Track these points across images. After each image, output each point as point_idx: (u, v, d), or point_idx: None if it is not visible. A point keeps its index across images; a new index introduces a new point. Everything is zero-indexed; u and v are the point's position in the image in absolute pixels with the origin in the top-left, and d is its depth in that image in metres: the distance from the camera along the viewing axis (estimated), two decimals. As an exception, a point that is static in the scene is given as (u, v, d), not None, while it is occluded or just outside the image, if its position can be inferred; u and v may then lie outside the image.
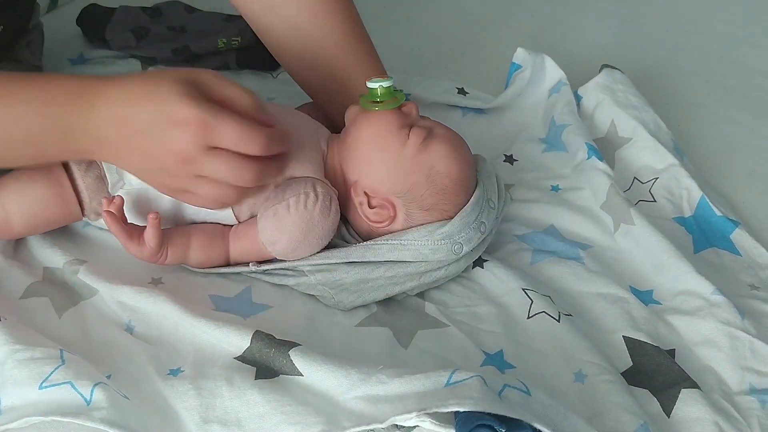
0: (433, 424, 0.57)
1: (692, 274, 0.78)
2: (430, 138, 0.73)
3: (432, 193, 0.73)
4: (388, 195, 0.73)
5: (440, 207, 0.74)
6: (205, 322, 0.67)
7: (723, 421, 0.66)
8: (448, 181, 0.73)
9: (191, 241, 0.72)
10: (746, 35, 1.28)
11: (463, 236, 0.73)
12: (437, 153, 0.73)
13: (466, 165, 0.75)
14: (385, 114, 0.73)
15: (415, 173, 0.73)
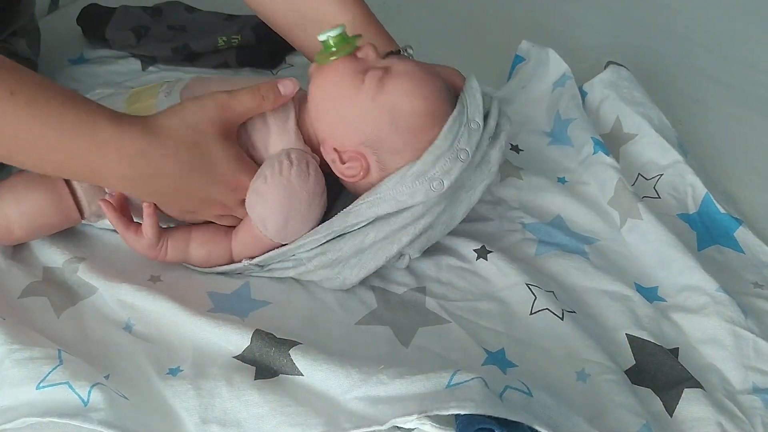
0: (433, 426, 0.57)
1: (698, 270, 0.78)
2: (387, 77, 0.69)
3: (400, 134, 0.69)
4: (356, 146, 0.70)
5: (412, 146, 0.70)
6: (205, 320, 0.67)
7: (726, 421, 0.66)
8: (413, 118, 0.69)
9: (192, 237, 0.72)
10: (749, 33, 1.27)
11: (437, 170, 0.69)
12: (396, 91, 0.69)
13: (434, 96, 0.70)
14: (338, 63, 0.69)
15: (376, 117, 0.69)
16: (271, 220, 0.70)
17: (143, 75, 1.02)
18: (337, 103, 0.70)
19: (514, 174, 0.90)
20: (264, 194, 0.69)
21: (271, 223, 0.70)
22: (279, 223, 0.70)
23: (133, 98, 0.75)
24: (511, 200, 0.87)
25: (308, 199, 0.70)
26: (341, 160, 0.71)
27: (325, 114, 0.71)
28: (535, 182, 0.89)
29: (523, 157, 0.94)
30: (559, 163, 0.94)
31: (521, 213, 0.85)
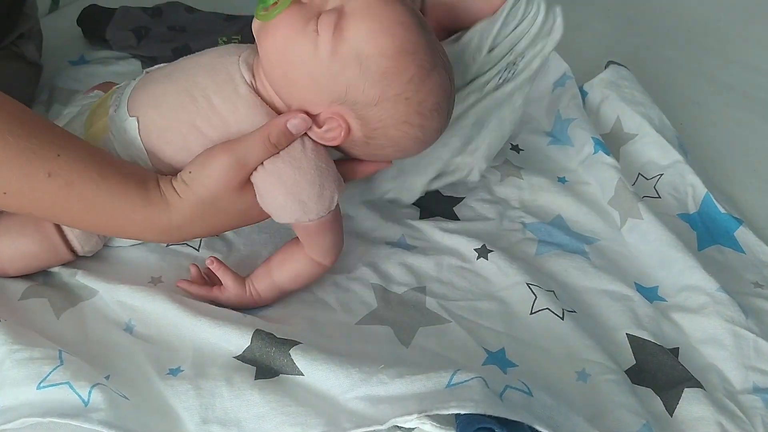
0: (433, 426, 0.57)
1: (698, 270, 0.78)
2: (343, 20, 0.60)
3: (372, 83, 0.61)
4: (329, 107, 0.63)
5: (390, 94, 0.62)
6: (205, 320, 0.67)
7: (726, 421, 0.66)
8: (384, 60, 0.61)
9: (270, 266, 0.71)
10: (751, 35, 1.28)
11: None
12: (358, 35, 0.60)
13: (401, 29, 0.61)
14: (283, 16, 0.61)
15: (343, 71, 0.61)
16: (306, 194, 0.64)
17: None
18: (295, 63, 0.62)
19: (515, 174, 0.90)
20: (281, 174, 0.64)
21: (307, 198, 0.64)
22: (313, 193, 0.64)
23: (89, 120, 0.72)
24: (512, 200, 0.87)
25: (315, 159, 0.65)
26: (317, 124, 0.64)
27: (284, 77, 0.63)
28: (535, 182, 0.89)
29: (523, 157, 0.94)
30: (559, 163, 0.94)
31: (522, 213, 0.86)
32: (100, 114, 0.71)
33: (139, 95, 0.69)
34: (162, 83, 0.69)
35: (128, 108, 0.68)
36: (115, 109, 0.69)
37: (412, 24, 0.62)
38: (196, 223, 0.66)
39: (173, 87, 0.67)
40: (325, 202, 0.65)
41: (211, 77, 0.66)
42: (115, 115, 0.69)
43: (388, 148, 0.66)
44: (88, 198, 0.63)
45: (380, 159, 0.69)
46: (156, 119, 0.67)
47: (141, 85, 0.70)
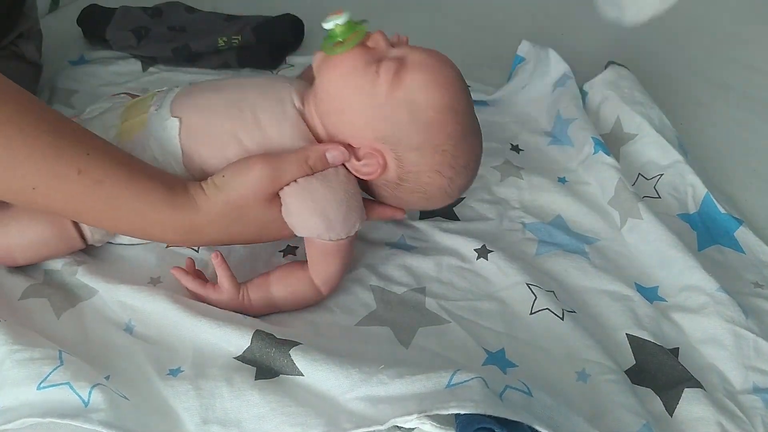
0: (433, 426, 0.57)
1: (698, 270, 0.78)
2: (403, 69, 0.66)
3: (418, 130, 0.67)
4: (372, 143, 0.68)
5: (431, 142, 0.67)
6: (206, 321, 0.67)
7: (726, 421, 0.65)
8: (432, 112, 0.66)
9: (270, 280, 0.71)
10: (749, 35, 1.27)
11: None
12: (414, 84, 0.66)
13: (452, 87, 0.67)
14: (348, 55, 0.66)
15: (394, 113, 0.66)
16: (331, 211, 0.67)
17: (144, 76, 1.02)
18: (351, 99, 0.67)
19: (515, 174, 0.90)
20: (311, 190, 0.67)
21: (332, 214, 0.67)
22: (342, 211, 0.68)
23: (126, 114, 0.74)
24: (512, 200, 0.87)
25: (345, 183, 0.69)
26: (356, 157, 0.69)
27: (337, 109, 0.68)
28: (535, 182, 0.89)
29: (523, 157, 0.94)
30: (559, 163, 0.94)
31: (522, 213, 0.85)
32: (138, 111, 0.73)
33: (184, 100, 0.72)
34: (209, 93, 0.73)
35: (171, 109, 0.71)
36: (156, 109, 0.72)
37: (460, 87, 0.69)
38: (218, 226, 0.68)
39: (221, 97, 0.71)
40: (349, 224, 0.68)
41: (261, 95, 0.71)
42: (156, 113, 0.71)
43: (415, 194, 0.71)
44: (116, 196, 0.64)
45: (403, 205, 0.74)
46: (198, 123, 0.70)
47: (186, 92, 0.73)
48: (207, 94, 0.73)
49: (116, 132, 0.72)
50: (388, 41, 0.69)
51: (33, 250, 0.71)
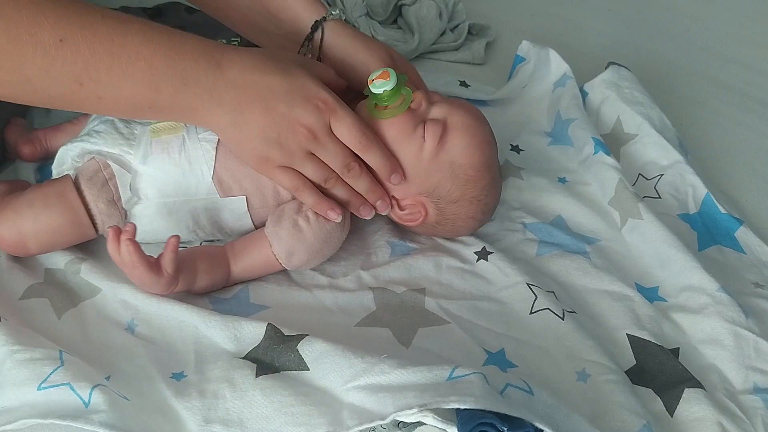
0: (435, 419, 0.57)
1: (699, 270, 0.78)
2: (446, 133, 0.72)
3: (458, 186, 0.74)
4: (415, 196, 0.75)
5: (469, 195, 0.75)
6: (209, 320, 0.67)
7: (727, 421, 0.65)
8: (471, 171, 0.73)
9: (197, 267, 0.71)
10: (749, 35, 1.28)
11: None
12: (456, 147, 0.72)
13: (488, 146, 0.75)
14: (395, 119, 0.72)
15: (437, 172, 0.73)
16: (299, 255, 0.72)
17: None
18: (400, 152, 0.72)
19: (515, 174, 0.90)
20: (303, 231, 0.71)
21: (297, 256, 0.72)
22: (304, 258, 0.73)
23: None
24: (512, 200, 0.87)
25: (336, 244, 0.75)
26: (399, 206, 0.75)
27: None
28: (535, 182, 0.89)
29: (523, 157, 0.94)
30: (559, 163, 0.94)
31: (522, 213, 0.85)
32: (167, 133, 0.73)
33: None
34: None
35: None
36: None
37: (492, 142, 0.76)
38: (248, 61, 0.67)
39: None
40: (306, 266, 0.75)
41: None
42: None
43: (447, 231, 0.79)
44: (144, 31, 0.64)
45: (430, 234, 0.80)
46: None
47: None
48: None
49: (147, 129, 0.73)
50: (427, 98, 0.73)
51: (46, 237, 0.71)
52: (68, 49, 0.60)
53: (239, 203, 0.74)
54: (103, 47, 0.61)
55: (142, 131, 0.73)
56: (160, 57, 0.63)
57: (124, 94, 0.64)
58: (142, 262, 0.66)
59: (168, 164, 0.72)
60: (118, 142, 0.72)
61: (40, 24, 0.59)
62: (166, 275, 0.67)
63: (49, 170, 0.77)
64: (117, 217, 0.72)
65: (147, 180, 0.72)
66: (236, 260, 0.73)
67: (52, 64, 0.60)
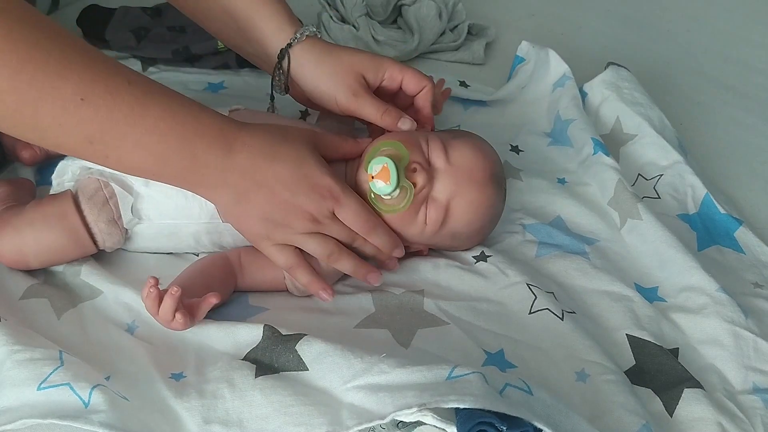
0: (434, 418, 0.57)
1: (698, 270, 0.78)
2: (448, 216, 0.73)
3: (459, 242, 0.78)
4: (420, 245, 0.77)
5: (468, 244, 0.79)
6: (209, 321, 0.67)
7: (726, 421, 0.65)
8: (472, 233, 0.77)
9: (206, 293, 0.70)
10: (748, 35, 1.28)
11: None
12: (458, 225, 0.74)
13: (490, 209, 0.76)
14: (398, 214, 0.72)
15: (438, 239, 0.76)
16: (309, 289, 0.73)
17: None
18: (401, 233, 0.74)
19: (514, 175, 0.90)
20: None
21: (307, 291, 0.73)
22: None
23: None
24: (511, 201, 0.87)
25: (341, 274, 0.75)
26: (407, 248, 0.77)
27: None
28: (535, 183, 0.89)
29: (523, 158, 0.94)
30: (559, 164, 0.94)
31: (521, 214, 0.85)
32: None
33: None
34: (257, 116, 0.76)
35: None
36: None
37: (497, 200, 0.77)
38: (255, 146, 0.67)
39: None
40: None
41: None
42: None
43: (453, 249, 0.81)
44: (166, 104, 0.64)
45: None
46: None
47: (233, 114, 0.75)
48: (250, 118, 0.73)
49: None
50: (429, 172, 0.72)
51: (46, 255, 0.72)
52: (87, 109, 0.59)
53: None
54: (122, 114, 0.61)
55: None
56: (175, 135, 0.63)
57: (131, 160, 0.64)
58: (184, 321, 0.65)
59: (170, 188, 0.70)
60: None
61: (65, 78, 0.58)
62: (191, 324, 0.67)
63: (49, 171, 0.77)
64: (118, 235, 0.72)
65: (149, 202, 0.72)
66: (244, 276, 0.73)
67: (68, 120, 0.59)
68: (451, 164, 0.73)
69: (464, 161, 0.74)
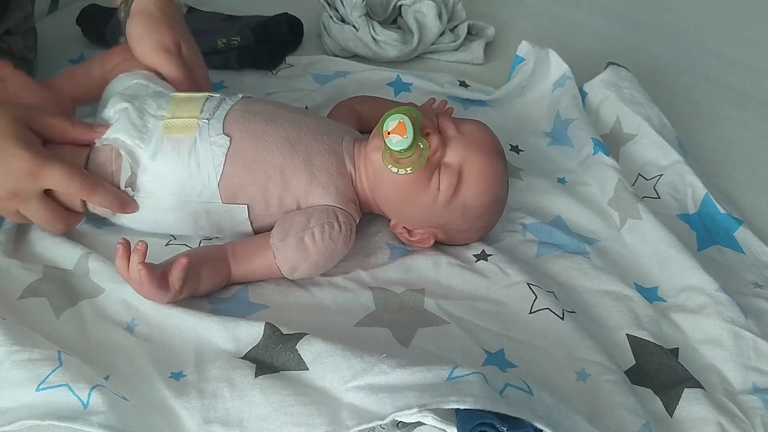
0: (435, 419, 0.57)
1: (698, 270, 0.78)
2: (461, 182, 0.73)
3: (467, 221, 0.76)
4: (427, 227, 0.77)
5: (477, 226, 0.78)
6: (209, 320, 0.67)
7: (726, 421, 0.66)
8: (482, 209, 0.76)
9: (201, 274, 0.71)
10: (748, 35, 1.28)
11: None
12: (469, 194, 0.74)
13: (498, 183, 0.76)
14: (412, 175, 0.72)
15: (449, 214, 0.75)
16: (302, 270, 0.73)
17: (143, 76, 1.02)
18: (412, 204, 0.75)
19: (515, 175, 0.90)
20: (308, 248, 0.72)
21: (301, 271, 0.73)
22: (308, 273, 0.74)
23: (174, 109, 0.75)
24: (512, 201, 0.87)
25: (340, 258, 0.75)
26: (409, 233, 0.78)
27: (396, 207, 0.77)
28: (535, 183, 0.89)
29: (523, 158, 0.94)
30: (559, 164, 0.94)
31: (522, 214, 0.85)
32: (188, 112, 0.75)
33: (238, 119, 0.75)
34: (263, 122, 0.76)
35: (224, 125, 0.74)
36: (208, 119, 0.74)
37: (504, 176, 0.77)
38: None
39: (277, 131, 0.75)
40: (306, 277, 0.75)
41: (316, 141, 0.76)
42: (208, 124, 0.74)
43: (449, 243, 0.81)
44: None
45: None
46: (248, 148, 0.74)
47: (240, 109, 0.77)
48: (261, 122, 0.75)
49: (160, 124, 0.74)
50: (443, 138, 0.73)
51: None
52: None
53: (240, 211, 0.74)
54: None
55: (155, 125, 0.74)
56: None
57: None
58: (152, 281, 0.66)
59: (176, 163, 0.72)
60: (130, 133, 0.73)
61: None
62: (173, 291, 0.68)
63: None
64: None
65: (152, 176, 0.73)
66: (238, 264, 0.73)
67: None
68: (461, 133, 0.74)
69: (473, 132, 0.75)
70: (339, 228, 0.73)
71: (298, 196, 0.74)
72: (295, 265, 0.72)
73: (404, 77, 1.04)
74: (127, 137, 0.73)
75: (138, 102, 0.75)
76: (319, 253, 0.72)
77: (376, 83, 1.03)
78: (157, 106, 0.75)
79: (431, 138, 0.72)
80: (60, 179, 0.69)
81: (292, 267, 0.72)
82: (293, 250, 0.72)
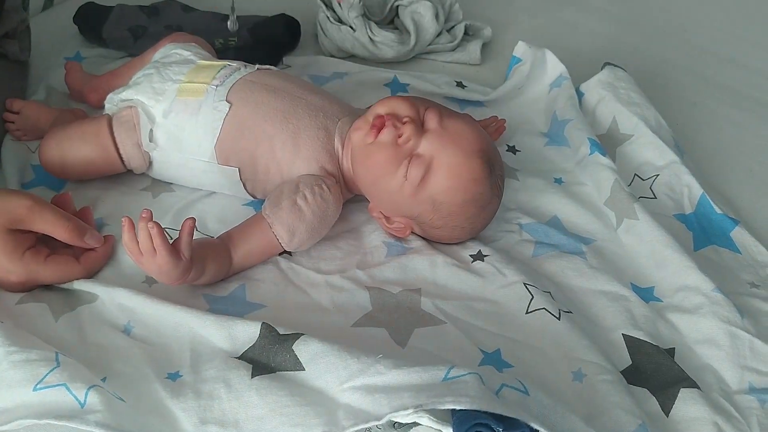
0: (431, 420, 0.57)
1: (694, 270, 0.78)
2: (429, 174, 0.73)
3: (440, 217, 0.76)
4: (400, 217, 0.78)
5: (450, 225, 0.77)
6: (205, 320, 0.67)
7: (722, 421, 0.66)
8: (453, 207, 0.75)
9: (206, 254, 0.71)
10: (745, 35, 1.28)
11: None
12: (437, 188, 0.74)
13: (474, 184, 0.74)
14: (381, 151, 0.74)
15: (418, 206, 0.76)
16: (299, 234, 0.75)
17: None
18: (382, 188, 0.76)
19: (511, 175, 0.90)
20: (302, 210, 0.74)
21: (298, 236, 0.75)
22: (304, 237, 0.75)
23: (192, 75, 0.81)
24: (508, 201, 0.87)
25: (332, 221, 0.78)
26: (387, 221, 0.79)
27: (371, 190, 0.79)
28: (531, 183, 0.89)
29: (519, 158, 0.94)
30: (555, 164, 0.94)
31: (518, 214, 0.85)
32: (202, 77, 0.81)
33: (243, 89, 0.80)
34: (266, 93, 0.80)
35: (228, 92, 0.79)
36: (217, 86, 0.80)
37: (483, 177, 0.75)
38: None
39: (275, 102, 0.79)
40: (303, 247, 0.77)
41: (311, 116, 0.79)
42: (215, 90, 0.80)
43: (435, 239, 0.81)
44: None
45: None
46: (244, 116, 0.79)
47: (250, 79, 0.81)
48: (264, 93, 0.80)
49: (175, 87, 0.80)
50: (418, 127, 0.74)
51: (82, 166, 0.81)
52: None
53: (232, 173, 0.79)
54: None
55: (171, 88, 0.80)
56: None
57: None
58: (164, 242, 0.66)
59: (183, 122, 0.79)
60: (149, 94, 0.80)
61: None
62: (184, 260, 0.68)
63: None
64: (140, 159, 0.81)
65: (163, 131, 0.80)
66: (236, 247, 0.74)
67: None
68: (443, 128, 0.74)
69: (455, 129, 0.75)
70: (328, 189, 0.76)
71: (282, 166, 0.78)
72: (292, 228, 0.74)
73: (401, 78, 1.04)
74: (145, 98, 0.80)
75: (163, 68, 0.82)
76: (313, 213, 0.74)
77: (373, 84, 1.03)
78: (179, 71, 0.82)
79: (405, 126, 0.73)
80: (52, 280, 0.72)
81: (290, 231, 0.74)
82: (287, 213, 0.74)
